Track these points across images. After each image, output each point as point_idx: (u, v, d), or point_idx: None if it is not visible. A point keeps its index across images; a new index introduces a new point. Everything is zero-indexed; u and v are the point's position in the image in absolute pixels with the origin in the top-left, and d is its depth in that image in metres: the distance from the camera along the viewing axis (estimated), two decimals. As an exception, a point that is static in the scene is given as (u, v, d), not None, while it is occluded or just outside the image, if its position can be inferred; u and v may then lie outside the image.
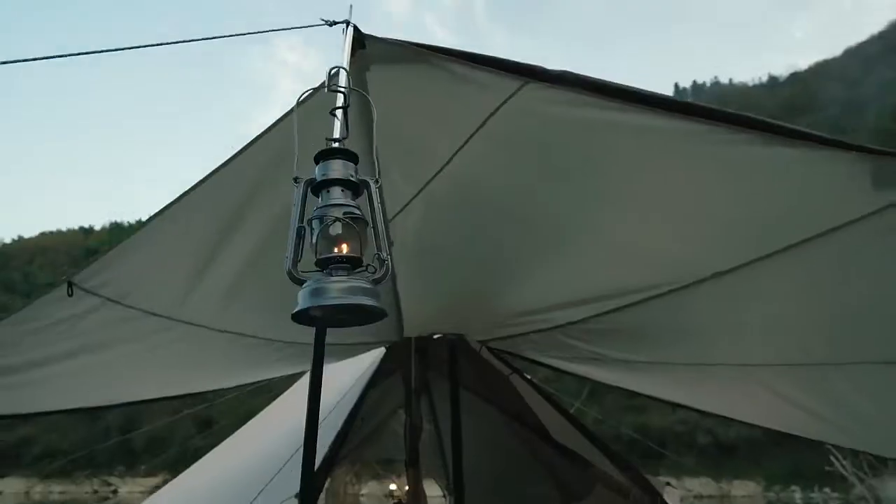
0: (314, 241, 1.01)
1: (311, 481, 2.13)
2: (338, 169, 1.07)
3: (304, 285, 0.99)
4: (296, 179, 1.10)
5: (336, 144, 1.19)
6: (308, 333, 2.33)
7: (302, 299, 0.98)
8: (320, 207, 1.03)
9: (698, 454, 36.69)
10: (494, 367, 4.25)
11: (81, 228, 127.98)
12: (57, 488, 58.56)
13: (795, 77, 79.32)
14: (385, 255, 1.04)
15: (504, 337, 3.82)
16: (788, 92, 73.33)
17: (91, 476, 61.86)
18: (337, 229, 1.00)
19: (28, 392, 2.20)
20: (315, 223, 1.02)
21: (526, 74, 1.57)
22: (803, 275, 2.46)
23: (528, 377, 4.52)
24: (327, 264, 0.99)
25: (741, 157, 1.99)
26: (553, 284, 2.90)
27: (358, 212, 1.04)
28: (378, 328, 2.99)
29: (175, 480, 4.03)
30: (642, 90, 1.70)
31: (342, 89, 1.16)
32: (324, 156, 1.09)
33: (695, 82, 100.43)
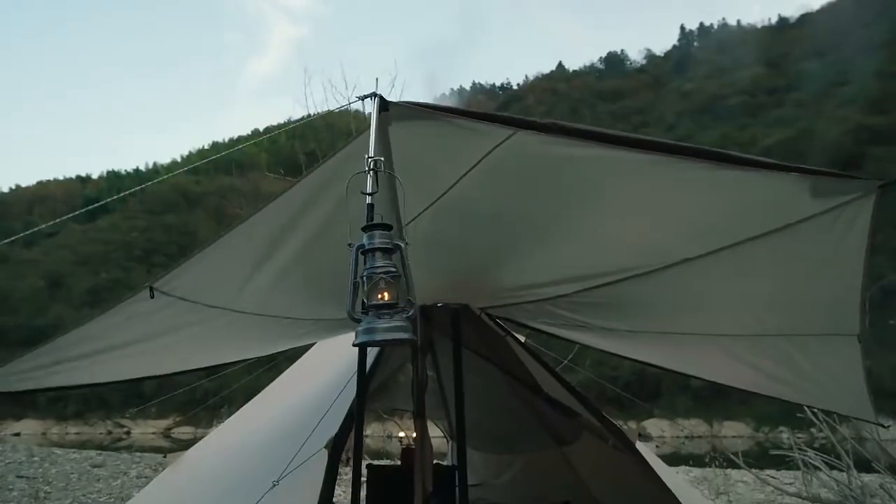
0: (365, 290, 1.44)
1: (361, 429, 2.66)
2: (378, 239, 1.47)
3: (360, 324, 1.42)
4: (350, 245, 1.50)
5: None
6: (323, 311, 2.85)
7: (360, 335, 1.41)
8: (368, 268, 1.45)
9: (693, 397, 38.09)
10: (493, 330, 4.74)
11: (79, 177, 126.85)
12: (73, 430, 60.93)
13: (806, 18, 77.22)
14: (413, 299, 1.46)
15: (501, 305, 4.28)
16: (798, 33, 71.62)
17: (104, 418, 64.25)
18: (380, 285, 1.42)
19: (114, 365, 2.74)
20: (365, 279, 1.44)
21: (517, 125, 1.96)
22: (756, 262, 2.91)
23: (522, 340, 5.01)
24: (374, 308, 1.42)
25: (702, 177, 2.39)
26: (544, 267, 3.35)
27: (394, 269, 1.45)
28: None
29: (212, 435, 4.58)
30: (614, 133, 2.10)
31: (370, 194, 1.55)
32: (368, 228, 1.50)
33: (701, 24, 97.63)
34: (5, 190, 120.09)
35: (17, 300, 77.78)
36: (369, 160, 1.60)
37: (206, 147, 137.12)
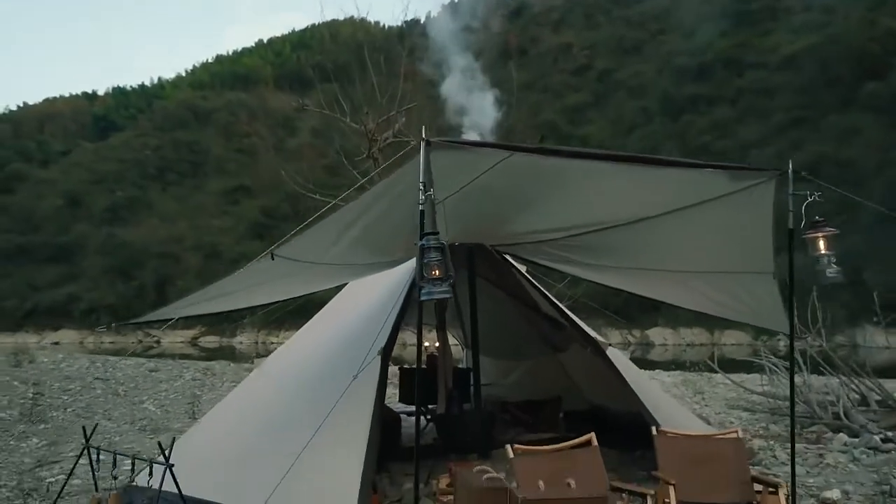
0: (423, 269, 2.54)
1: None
2: (433, 241, 2.55)
3: (423, 288, 2.54)
4: (416, 243, 2.60)
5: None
6: (372, 260, 4.06)
7: (423, 295, 2.54)
8: (426, 258, 2.54)
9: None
10: (501, 263, 5.89)
11: (85, 94, 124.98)
12: (107, 339, 64.83)
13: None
14: (452, 274, 2.57)
15: (508, 244, 5.42)
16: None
17: (135, 329, 68.06)
18: (432, 266, 2.51)
19: (250, 297, 4.10)
20: (425, 266, 2.54)
21: (514, 149, 2.99)
22: (693, 223, 4.01)
23: (523, 270, 6.18)
24: (430, 280, 2.52)
25: (650, 173, 3.43)
26: (541, 220, 4.45)
27: (440, 257, 2.54)
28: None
29: (281, 347, 5.88)
30: (586, 150, 3.12)
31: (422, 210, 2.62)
32: (423, 236, 2.58)
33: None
34: (13, 107, 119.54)
35: (39, 219, 79.75)
36: (421, 184, 2.65)
37: (209, 61, 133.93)
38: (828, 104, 54.46)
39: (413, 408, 6.66)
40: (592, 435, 3.21)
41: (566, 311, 5.83)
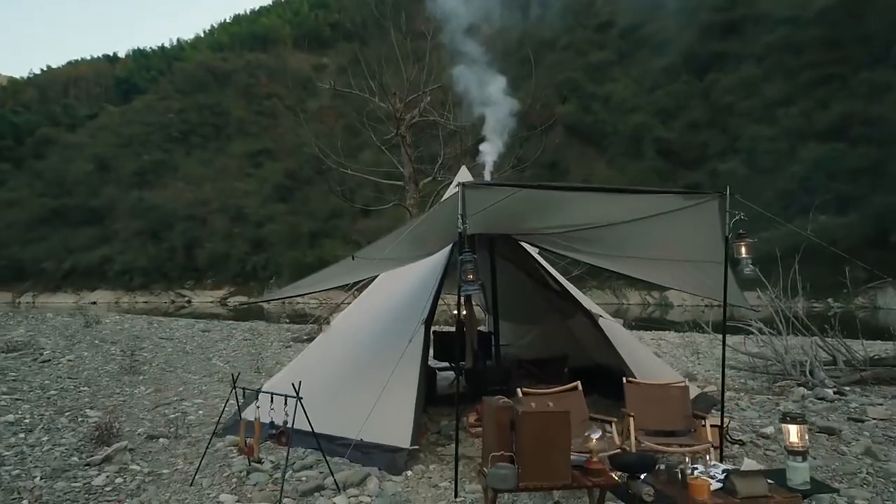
0: (461, 274, 3.86)
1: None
2: (468, 256, 3.87)
3: (462, 287, 3.86)
4: (460, 258, 3.93)
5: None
6: (415, 256, 5.44)
7: (464, 291, 3.88)
8: (463, 266, 3.86)
9: None
10: (519, 247, 7.21)
11: (106, 56, 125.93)
12: (140, 299, 67.93)
13: None
14: (481, 279, 3.89)
15: (524, 234, 6.73)
16: None
17: (166, 289, 71.05)
18: (468, 272, 3.83)
19: (334, 280, 5.55)
20: (462, 273, 3.86)
21: (522, 186, 4.29)
22: (653, 228, 5.25)
23: (535, 252, 7.50)
24: (466, 282, 3.84)
25: (620, 197, 4.69)
26: (547, 221, 5.74)
27: (473, 266, 3.85)
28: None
29: (342, 314, 7.32)
30: (575, 185, 4.39)
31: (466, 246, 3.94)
32: (461, 251, 3.90)
33: None
34: (37, 71, 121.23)
35: (71, 183, 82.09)
36: (459, 216, 3.95)
37: (227, 21, 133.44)
38: (858, 60, 53.40)
39: (445, 364, 8.14)
40: (578, 383, 4.58)
41: (568, 286, 7.17)
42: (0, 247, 73.77)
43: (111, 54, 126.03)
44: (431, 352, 8.99)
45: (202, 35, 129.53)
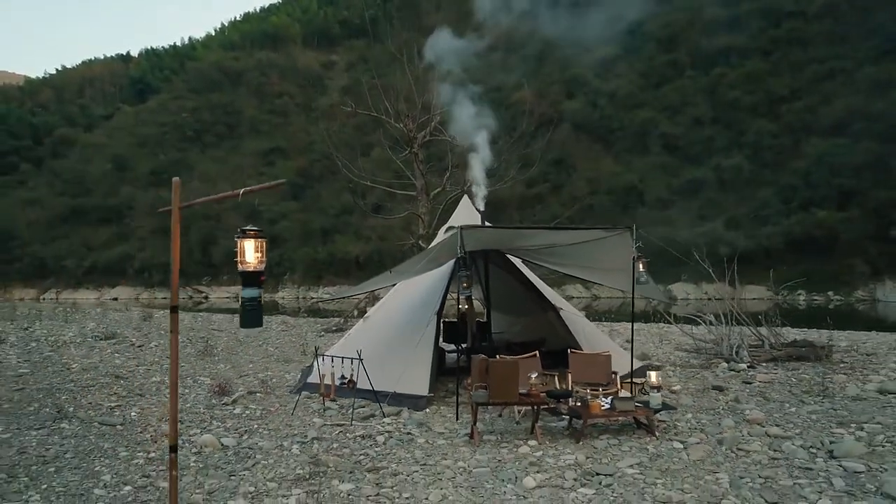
0: (460, 283, 6.34)
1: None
2: (464, 271, 6.35)
3: (461, 291, 6.34)
4: (458, 273, 6.42)
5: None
6: (429, 268, 8.02)
7: (462, 294, 6.38)
8: (460, 275, 6.35)
9: (720, 263, 41.38)
10: (506, 258, 9.74)
11: (119, 56, 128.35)
12: (159, 294, 70.71)
13: None
14: (472, 285, 6.39)
15: (508, 249, 9.26)
16: None
17: (184, 285, 73.77)
18: (464, 280, 6.32)
19: (377, 284, 8.15)
20: (460, 282, 6.35)
21: (507, 227, 6.82)
22: (584, 251, 7.75)
23: (519, 264, 10.03)
24: (463, 287, 6.32)
25: (565, 232, 7.20)
26: (524, 244, 8.25)
27: (467, 278, 6.34)
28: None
29: (375, 307, 9.89)
30: (535, 226, 6.90)
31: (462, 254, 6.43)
32: (459, 267, 6.39)
33: None
34: (52, 71, 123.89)
35: (90, 182, 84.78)
36: (459, 248, 6.40)
37: (238, 19, 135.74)
38: (864, 55, 54.00)
39: (452, 346, 10.69)
40: (536, 353, 7.11)
41: (543, 287, 9.72)
42: (23, 245, 76.41)
43: (124, 53, 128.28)
44: (442, 336, 11.64)
45: (213, 34, 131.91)
